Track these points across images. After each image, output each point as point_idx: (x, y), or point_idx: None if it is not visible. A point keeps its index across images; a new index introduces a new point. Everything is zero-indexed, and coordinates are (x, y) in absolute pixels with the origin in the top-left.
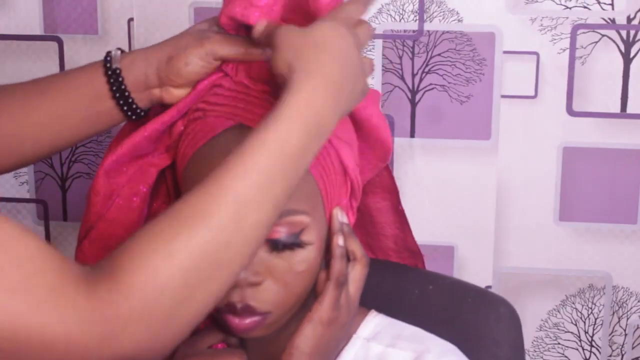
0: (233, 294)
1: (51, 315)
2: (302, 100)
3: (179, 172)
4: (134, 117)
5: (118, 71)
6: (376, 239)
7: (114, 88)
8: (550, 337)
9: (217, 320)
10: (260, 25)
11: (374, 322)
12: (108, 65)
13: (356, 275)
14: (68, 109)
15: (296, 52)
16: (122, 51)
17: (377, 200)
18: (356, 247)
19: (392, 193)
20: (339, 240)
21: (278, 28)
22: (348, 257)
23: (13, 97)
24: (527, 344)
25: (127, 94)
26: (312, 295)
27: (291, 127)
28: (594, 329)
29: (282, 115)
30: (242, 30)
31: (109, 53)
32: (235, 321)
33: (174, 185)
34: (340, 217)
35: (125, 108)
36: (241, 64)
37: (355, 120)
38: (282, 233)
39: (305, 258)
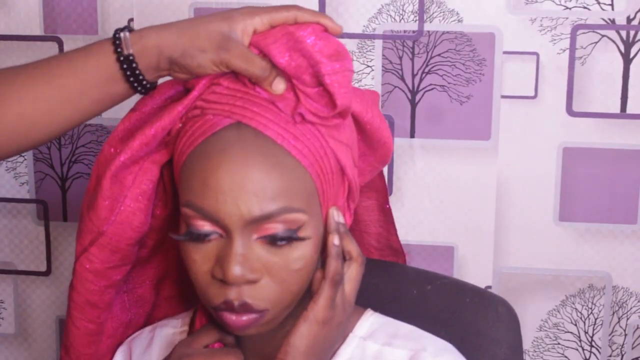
0: (230, 291)
1: None
2: None
3: (176, 169)
4: (143, 91)
5: (131, 57)
6: (358, 237)
7: (128, 73)
8: (550, 337)
9: (213, 318)
10: (281, 87)
11: (370, 321)
12: (119, 50)
13: (352, 274)
14: (78, 94)
15: None
16: (130, 30)
17: (363, 199)
18: (352, 247)
19: (380, 192)
20: (335, 240)
21: None
22: (344, 257)
23: (12, 86)
24: (527, 344)
25: (141, 77)
26: (308, 294)
27: None
28: (593, 329)
29: None
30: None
31: (117, 36)
32: (232, 318)
33: (170, 182)
34: (336, 216)
35: (139, 88)
36: None
37: (357, 122)
38: (278, 229)
39: (301, 255)
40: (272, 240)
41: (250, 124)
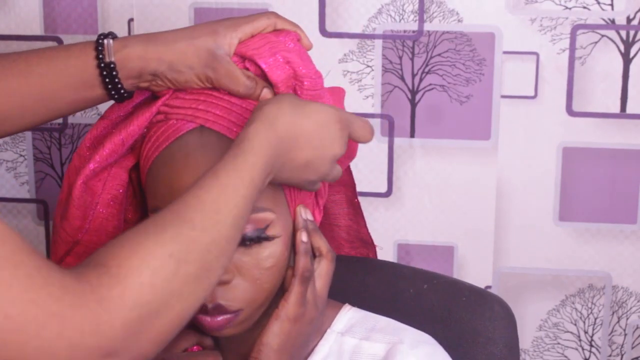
0: None
1: (43, 297)
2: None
3: (142, 175)
4: (118, 98)
5: (112, 65)
6: (329, 230)
7: (107, 80)
8: (550, 337)
9: (190, 321)
10: (268, 94)
11: (348, 315)
12: (100, 56)
13: (322, 270)
14: (54, 93)
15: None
16: (114, 37)
17: (332, 193)
18: (322, 243)
19: (349, 187)
20: (303, 237)
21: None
22: (314, 254)
23: None
24: (527, 344)
25: (119, 86)
26: (281, 292)
27: (253, 160)
28: (593, 329)
29: (242, 152)
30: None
31: (100, 42)
32: (208, 320)
33: (139, 185)
34: (304, 214)
35: (115, 96)
36: None
37: None
38: (247, 229)
39: (271, 253)
40: (241, 241)
41: (213, 128)
